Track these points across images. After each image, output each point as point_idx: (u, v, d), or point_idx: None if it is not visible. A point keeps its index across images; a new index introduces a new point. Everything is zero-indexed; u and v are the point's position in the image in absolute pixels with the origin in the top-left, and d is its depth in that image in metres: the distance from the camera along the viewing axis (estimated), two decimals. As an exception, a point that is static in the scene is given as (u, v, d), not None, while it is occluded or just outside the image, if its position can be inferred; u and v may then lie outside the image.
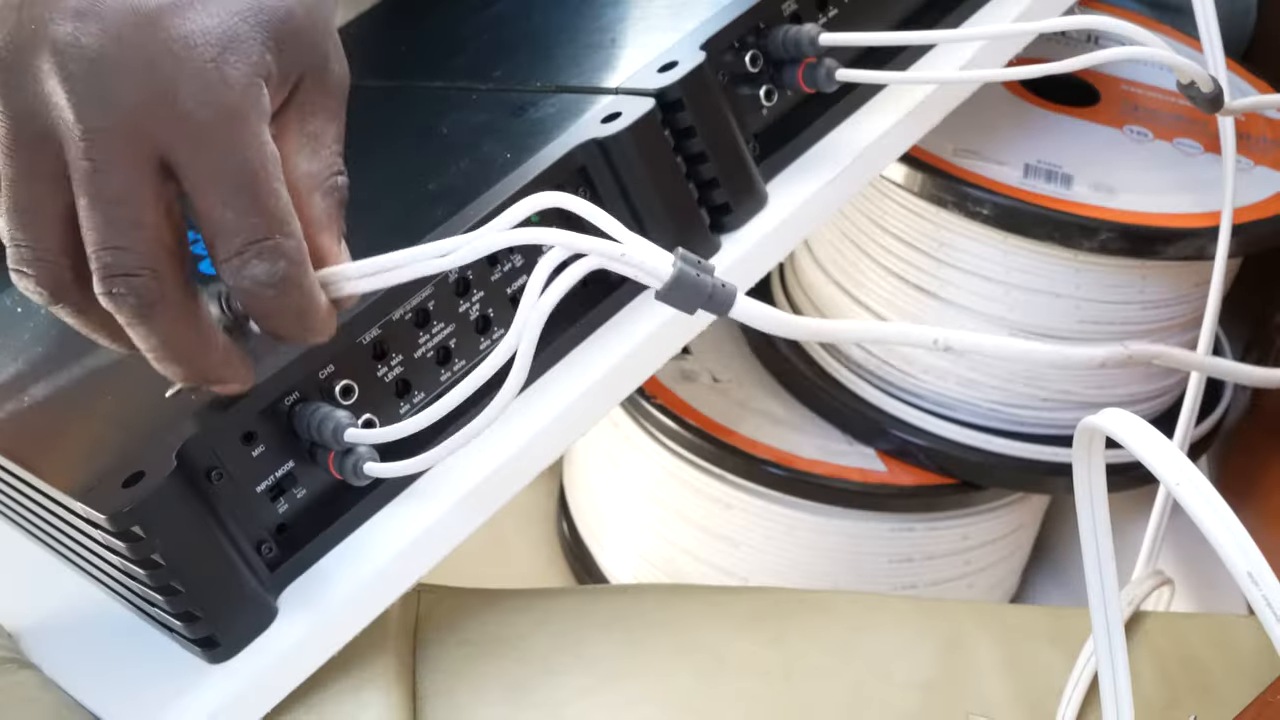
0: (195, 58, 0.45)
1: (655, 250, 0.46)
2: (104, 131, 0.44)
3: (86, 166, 0.45)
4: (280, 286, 0.47)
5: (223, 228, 0.46)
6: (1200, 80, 0.67)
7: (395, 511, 0.56)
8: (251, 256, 0.46)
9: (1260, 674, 0.61)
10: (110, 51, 0.44)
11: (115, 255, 0.45)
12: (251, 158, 0.45)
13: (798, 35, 0.63)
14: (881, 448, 0.95)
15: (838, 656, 0.62)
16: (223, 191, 0.45)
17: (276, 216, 0.46)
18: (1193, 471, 0.37)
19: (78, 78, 0.44)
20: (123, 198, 0.45)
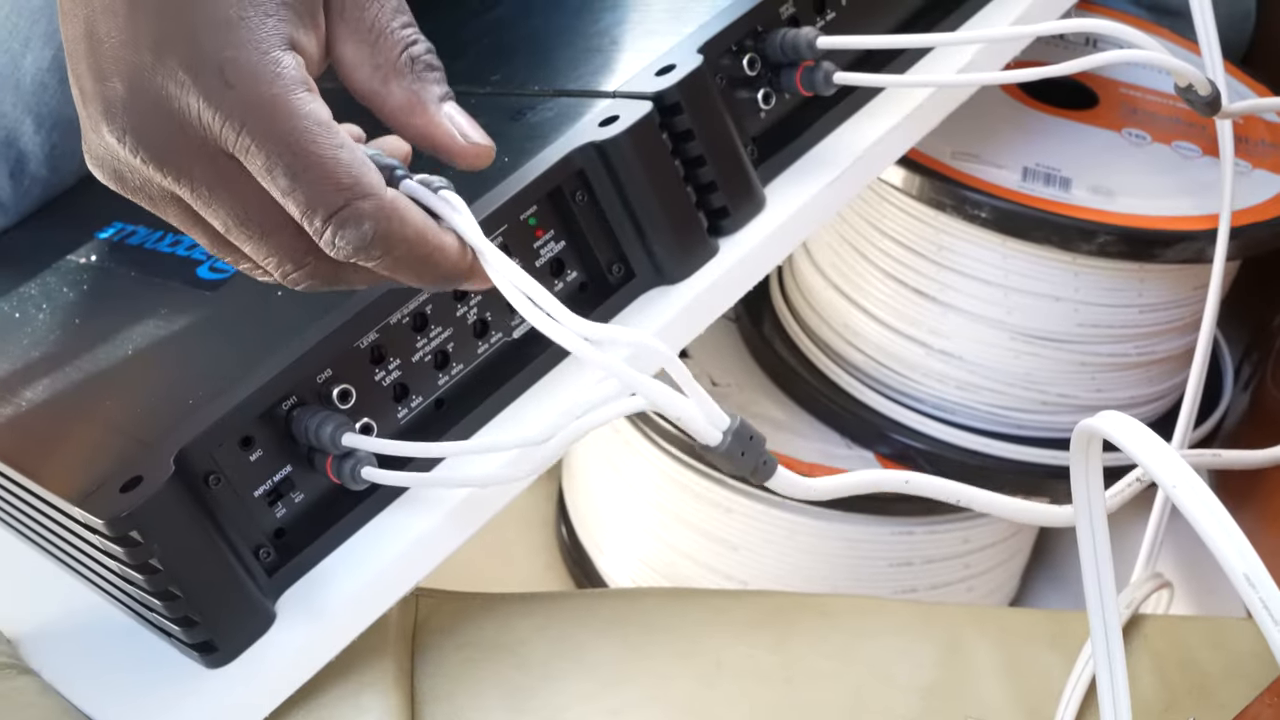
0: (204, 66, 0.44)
1: (715, 413, 0.46)
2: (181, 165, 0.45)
3: (195, 200, 0.46)
4: (381, 245, 0.46)
5: (301, 212, 0.46)
6: (1198, 83, 0.67)
7: (394, 516, 0.56)
8: (336, 229, 0.46)
9: (1258, 676, 0.61)
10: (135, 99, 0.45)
11: (279, 259, 0.47)
12: (294, 137, 0.45)
13: (795, 38, 0.63)
14: (881, 451, 0.95)
15: (838, 660, 0.62)
16: (283, 180, 0.45)
17: (341, 183, 0.45)
18: (1189, 474, 0.37)
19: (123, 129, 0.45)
20: (237, 218, 0.46)
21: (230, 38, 0.45)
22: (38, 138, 0.72)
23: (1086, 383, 0.89)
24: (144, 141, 0.45)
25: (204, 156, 0.45)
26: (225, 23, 0.45)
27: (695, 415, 0.45)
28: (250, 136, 0.45)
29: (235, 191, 0.46)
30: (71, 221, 0.74)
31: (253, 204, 0.46)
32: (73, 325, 0.63)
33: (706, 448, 0.45)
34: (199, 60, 0.44)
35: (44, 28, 0.70)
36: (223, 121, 0.44)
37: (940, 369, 0.90)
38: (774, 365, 1.01)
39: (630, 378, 0.45)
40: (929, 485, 0.46)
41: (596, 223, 0.60)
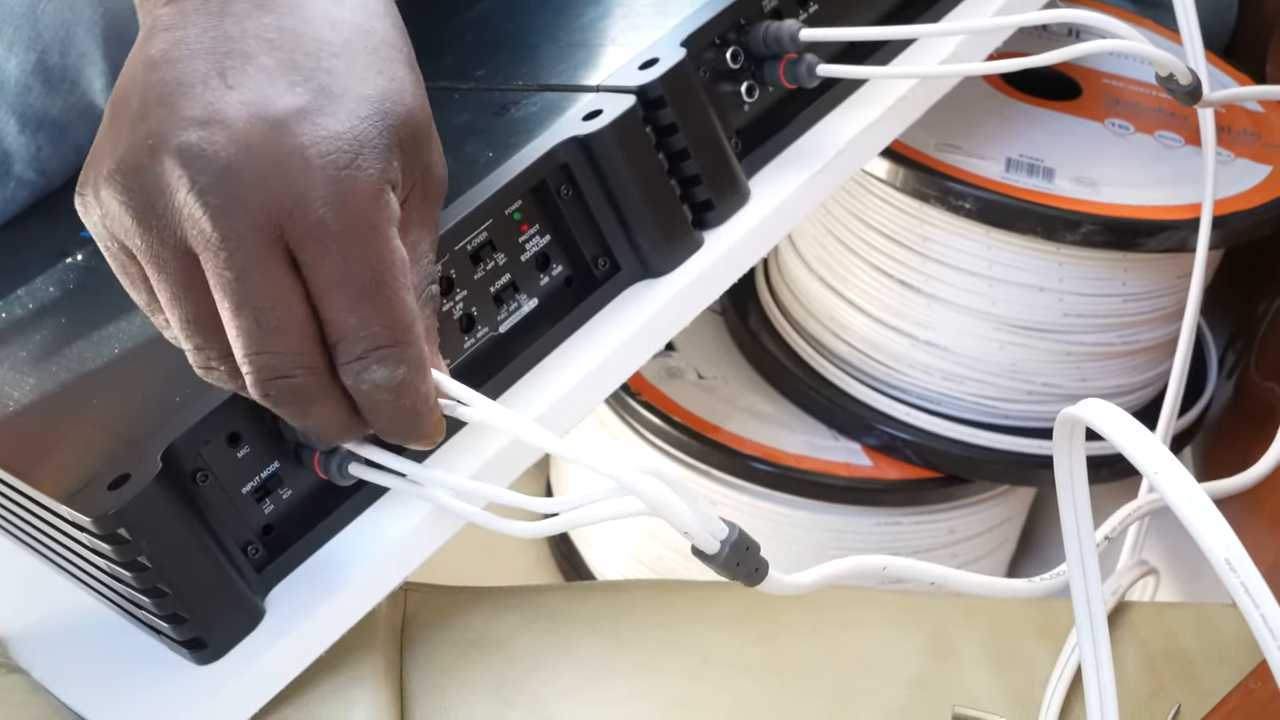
0: (328, 164, 0.45)
1: (713, 527, 0.46)
2: (240, 239, 0.44)
3: (229, 276, 0.45)
4: (399, 390, 0.47)
5: (346, 332, 0.46)
6: (1179, 73, 0.67)
7: (382, 511, 0.56)
8: (373, 362, 0.46)
9: (1243, 661, 0.61)
10: (240, 159, 0.44)
11: (266, 359, 0.46)
12: (380, 265, 0.46)
13: (779, 31, 0.63)
14: (868, 443, 0.95)
15: (825, 652, 0.62)
16: (349, 297, 0.45)
17: (402, 323, 0.46)
18: (1170, 460, 0.37)
19: (210, 188, 0.44)
20: (266, 303, 0.45)
21: (358, 155, 0.45)
22: (22, 139, 0.72)
23: (1071, 372, 0.90)
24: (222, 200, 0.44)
25: (267, 235, 0.45)
26: (358, 136, 0.46)
27: (698, 527, 0.46)
28: (339, 245, 0.45)
29: (270, 274, 0.45)
30: (57, 222, 0.74)
31: (281, 297, 0.45)
32: (59, 325, 0.63)
33: (704, 556, 0.47)
34: (327, 153, 0.45)
35: (27, 32, 0.70)
36: (320, 215, 0.45)
37: (926, 360, 0.91)
38: (760, 358, 1.01)
39: (643, 487, 0.46)
40: (906, 568, 0.47)
41: (581, 217, 0.60)
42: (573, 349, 0.60)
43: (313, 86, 0.46)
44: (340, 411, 0.48)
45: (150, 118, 0.45)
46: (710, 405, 0.97)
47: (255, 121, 0.45)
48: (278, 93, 0.45)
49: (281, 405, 0.47)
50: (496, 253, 0.58)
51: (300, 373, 0.46)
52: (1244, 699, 0.58)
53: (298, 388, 0.46)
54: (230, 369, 0.47)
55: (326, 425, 0.48)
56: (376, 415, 0.48)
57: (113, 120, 0.47)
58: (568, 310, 0.60)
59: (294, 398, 0.47)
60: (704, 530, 0.46)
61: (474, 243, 0.57)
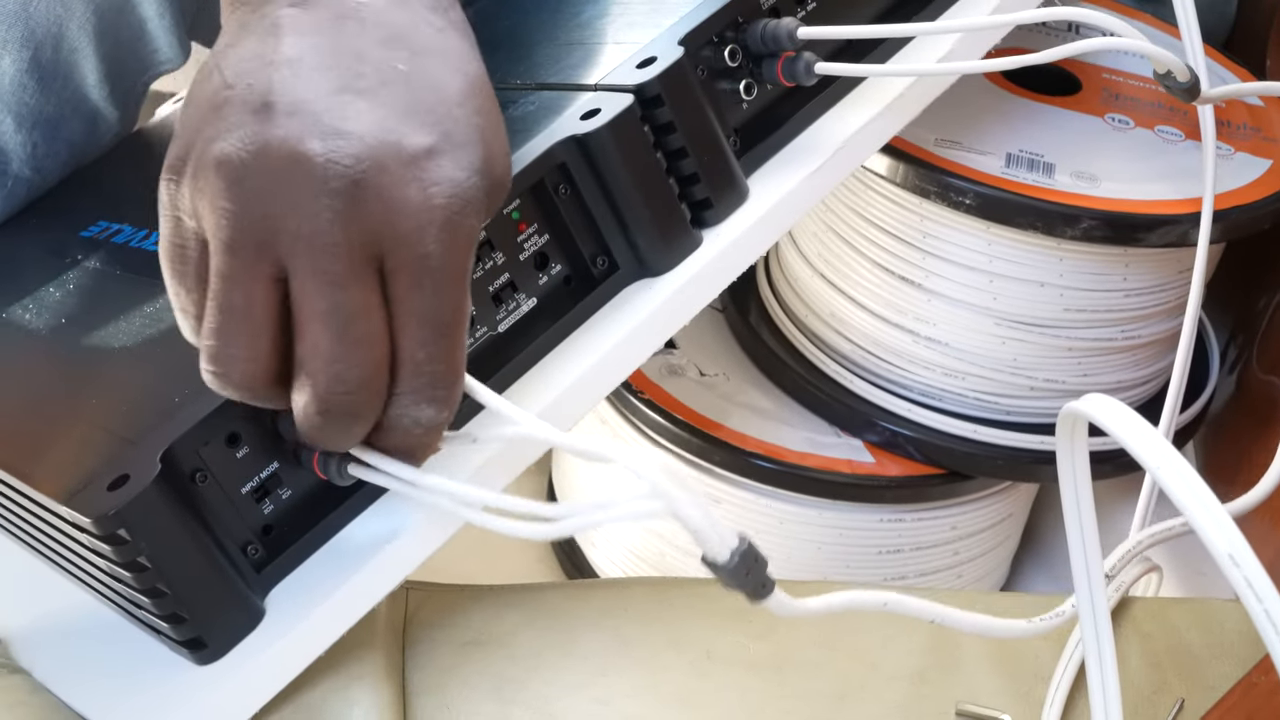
0: (446, 207, 0.46)
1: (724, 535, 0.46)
2: (350, 249, 0.45)
3: (325, 279, 0.45)
4: (431, 433, 0.49)
5: (412, 364, 0.47)
6: (1176, 70, 0.67)
7: (382, 510, 0.56)
8: (425, 400, 0.48)
9: (1246, 656, 0.61)
10: (368, 177, 0.45)
11: (342, 368, 0.46)
12: (461, 310, 0.48)
13: (776, 29, 0.63)
14: (869, 439, 0.95)
15: (827, 648, 0.62)
16: (427, 333, 0.47)
17: (459, 369, 0.48)
18: (1173, 454, 0.37)
19: (335, 192, 0.45)
20: (357, 315, 0.46)
21: (468, 204, 0.47)
22: (19, 137, 0.73)
23: (1073, 368, 0.90)
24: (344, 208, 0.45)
25: (369, 254, 0.46)
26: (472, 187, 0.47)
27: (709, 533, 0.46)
28: (434, 281, 0.46)
29: (363, 288, 0.46)
30: (55, 221, 0.74)
31: (371, 313, 0.46)
32: (58, 325, 0.63)
33: (714, 564, 0.46)
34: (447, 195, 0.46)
35: (21, 30, 0.70)
36: (426, 251, 0.46)
37: (927, 356, 0.91)
38: (761, 354, 1.01)
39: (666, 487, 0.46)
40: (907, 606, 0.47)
41: (580, 216, 0.60)
42: (572, 348, 0.60)
43: (441, 130, 0.47)
44: (363, 431, 0.49)
45: (279, 115, 0.46)
46: (711, 402, 0.97)
47: (387, 147, 0.46)
48: (410, 127, 0.47)
49: (335, 419, 0.48)
50: (495, 252, 0.58)
51: (361, 392, 0.47)
52: (1247, 693, 0.58)
53: (356, 405, 0.47)
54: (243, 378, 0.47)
55: (350, 441, 0.49)
56: (394, 439, 0.50)
57: (225, 106, 0.47)
58: (567, 309, 0.60)
59: (346, 415, 0.48)
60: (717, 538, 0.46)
61: (473, 242, 0.57)
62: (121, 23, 0.75)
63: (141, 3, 0.75)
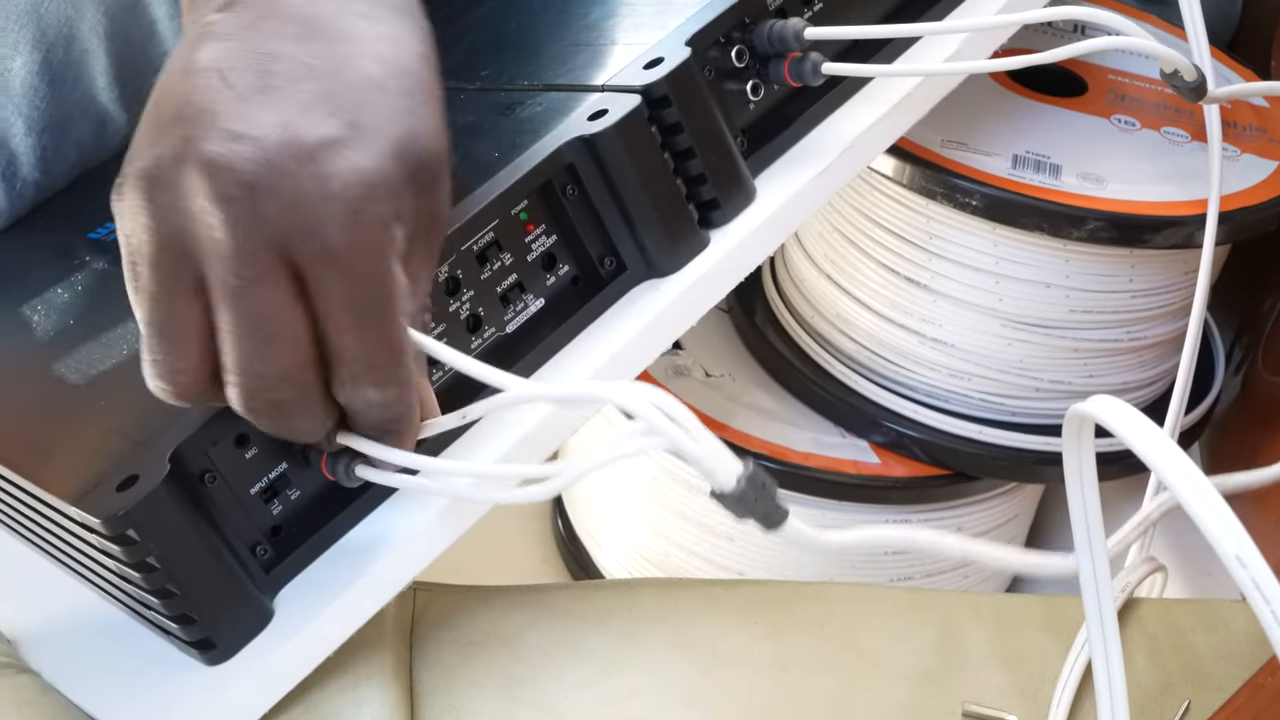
0: (347, 195, 0.46)
1: (727, 460, 0.46)
2: (252, 252, 0.45)
3: (236, 284, 0.46)
4: (388, 410, 0.49)
5: (345, 353, 0.47)
6: (1183, 69, 0.67)
7: (390, 510, 0.56)
8: (367, 384, 0.48)
9: (1252, 658, 0.61)
10: (265, 178, 0.45)
11: (261, 368, 0.47)
12: (383, 294, 0.47)
13: (783, 30, 0.63)
14: (875, 440, 0.95)
15: (833, 648, 0.62)
16: (352, 321, 0.47)
17: (397, 348, 0.48)
18: (1179, 455, 0.37)
19: (232, 199, 0.45)
20: (269, 315, 0.46)
21: (375, 189, 0.46)
22: (29, 140, 0.73)
23: (1078, 369, 0.90)
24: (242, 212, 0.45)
25: (276, 254, 0.46)
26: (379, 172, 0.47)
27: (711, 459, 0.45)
28: (347, 271, 0.46)
29: (276, 289, 0.46)
30: (63, 223, 0.74)
31: (282, 311, 0.46)
32: (67, 326, 0.63)
33: (721, 494, 0.46)
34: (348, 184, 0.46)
35: (32, 32, 0.70)
36: (333, 244, 0.46)
37: (933, 357, 0.91)
38: (767, 355, 1.01)
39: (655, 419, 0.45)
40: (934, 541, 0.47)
41: (587, 216, 0.60)
42: (579, 348, 0.60)
43: (346, 119, 0.47)
44: (316, 424, 0.50)
45: (185, 123, 0.46)
46: (717, 403, 0.97)
47: (285, 145, 0.46)
48: (313, 121, 0.46)
49: (261, 416, 0.48)
50: (503, 253, 0.58)
51: (285, 387, 0.47)
52: (1254, 694, 0.58)
53: (280, 402, 0.48)
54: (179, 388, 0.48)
55: (301, 435, 0.50)
56: (361, 424, 0.51)
57: (149, 121, 0.48)
58: (574, 310, 0.60)
59: (275, 411, 0.48)
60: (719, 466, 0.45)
61: (480, 243, 0.57)
62: (132, 24, 0.75)
63: (152, 4, 0.75)
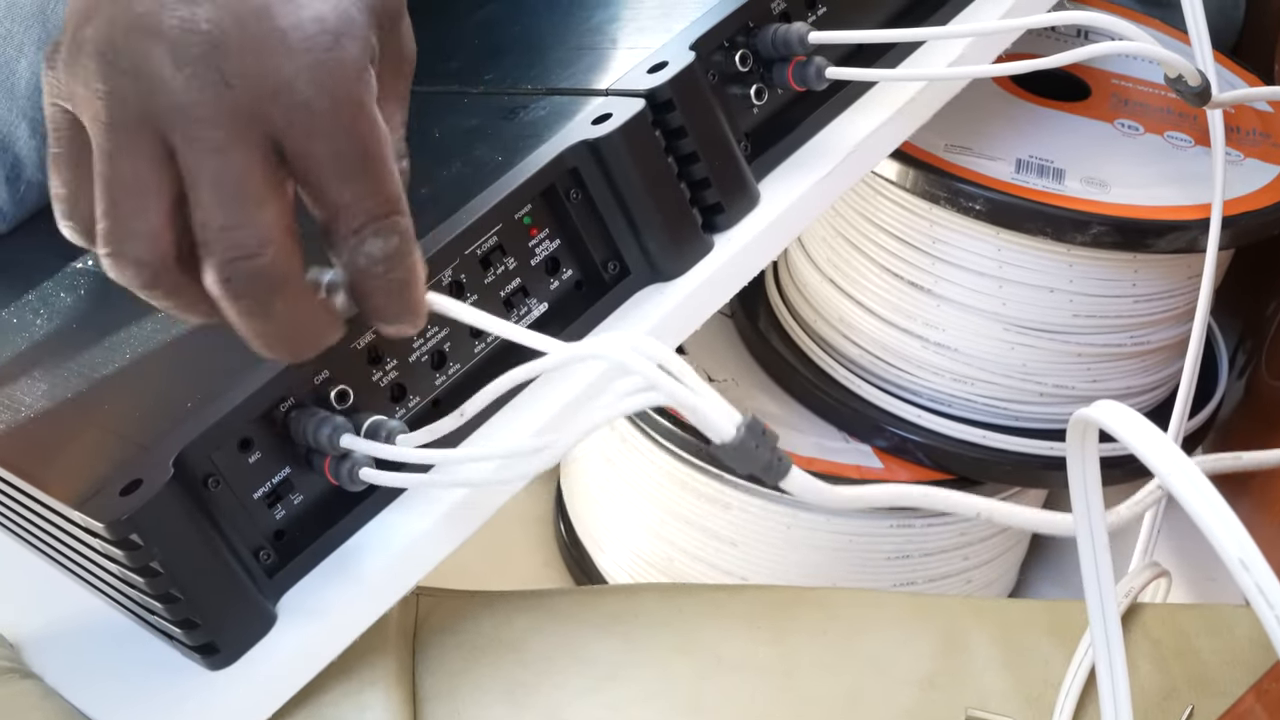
0: (312, 46, 0.45)
1: (725, 410, 0.45)
2: (222, 113, 0.44)
3: (204, 145, 0.44)
4: (394, 261, 0.47)
5: (342, 207, 0.46)
6: (1187, 74, 0.67)
7: (393, 516, 0.56)
8: (369, 234, 0.46)
9: (1257, 663, 0.61)
10: (229, 36, 0.44)
11: (239, 234, 0.45)
12: (370, 140, 0.46)
13: (787, 34, 0.63)
14: (878, 445, 0.95)
15: (837, 654, 0.62)
16: (343, 173, 0.45)
17: (393, 194, 0.47)
18: (1183, 460, 0.37)
19: (196, 59, 0.44)
20: (244, 177, 0.45)
21: (340, 36, 0.45)
22: (33, 142, 0.73)
23: (1082, 373, 0.90)
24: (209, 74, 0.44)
25: (247, 116, 0.44)
26: (340, 17, 0.45)
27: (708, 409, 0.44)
28: (327, 124, 0.45)
29: (250, 151, 0.45)
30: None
31: (260, 174, 0.45)
32: (70, 329, 0.63)
33: (721, 445, 0.45)
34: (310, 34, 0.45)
35: (37, 33, 0.70)
36: (305, 96, 0.44)
37: (936, 361, 0.91)
38: (770, 360, 1.01)
39: (649, 372, 0.45)
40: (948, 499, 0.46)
41: (591, 221, 0.60)
42: (583, 353, 0.60)
43: None
44: (302, 311, 0.47)
45: None
46: (720, 408, 0.97)
47: (239, 3, 0.44)
48: None
49: (244, 295, 0.46)
50: (506, 257, 0.58)
51: (270, 250, 0.45)
52: (1258, 699, 0.58)
53: (265, 269, 0.45)
54: (142, 251, 0.46)
55: (282, 325, 0.47)
56: (368, 292, 0.48)
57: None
58: (578, 314, 0.60)
59: (260, 284, 0.45)
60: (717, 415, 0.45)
61: (484, 247, 0.57)
62: None
63: None
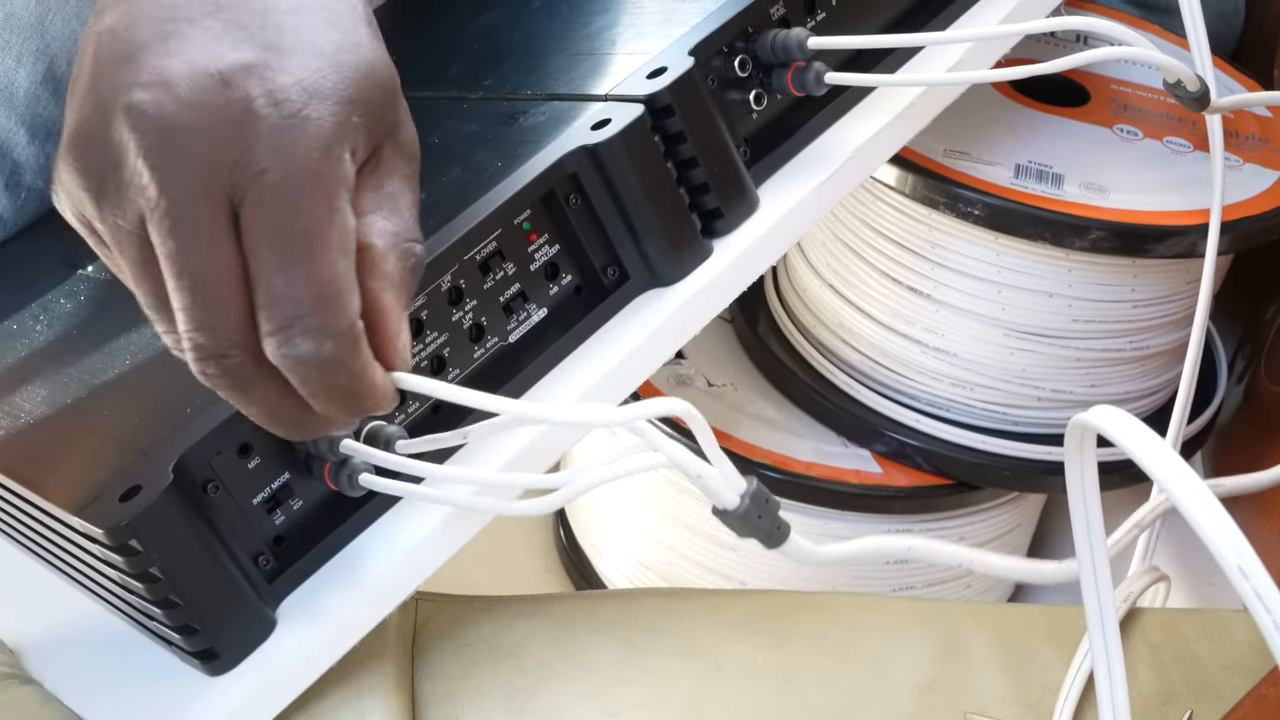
0: (273, 114, 0.43)
1: (732, 478, 0.45)
2: (184, 202, 0.43)
3: (170, 245, 0.43)
4: (325, 368, 0.44)
5: (270, 295, 0.43)
6: (1186, 79, 0.67)
7: (392, 521, 0.56)
8: (296, 333, 0.43)
9: (1255, 668, 0.61)
10: (184, 117, 0.43)
11: (205, 336, 0.43)
12: (314, 225, 0.43)
13: (786, 39, 0.63)
14: (877, 449, 0.95)
15: (836, 658, 0.62)
16: (277, 256, 0.43)
17: (329, 292, 0.43)
18: (1181, 466, 0.37)
19: (154, 149, 0.43)
20: (203, 273, 0.43)
21: (306, 105, 0.44)
22: (32, 149, 0.73)
23: (1081, 378, 0.90)
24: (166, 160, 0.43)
25: (211, 198, 0.43)
26: (307, 87, 0.44)
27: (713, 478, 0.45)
28: (275, 197, 0.43)
29: (212, 242, 0.43)
30: (67, 231, 0.74)
31: (218, 261, 0.43)
32: (70, 335, 0.63)
33: (724, 512, 0.45)
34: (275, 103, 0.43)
35: (36, 43, 0.70)
36: (261, 167, 0.43)
37: (935, 366, 0.91)
38: (770, 365, 1.01)
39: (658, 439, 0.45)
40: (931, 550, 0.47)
41: (590, 226, 0.60)
42: (582, 358, 0.60)
43: (259, 43, 0.44)
44: (283, 395, 0.45)
45: (97, 88, 0.44)
46: (719, 413, 0.97)
47: (198, 78, 0.43)
48: (222, 50, 0.44)
49: (220, 389, 0.45)
50: (505, 262, 0.58)
51: (237, 352, 0.44)
52: (1256, 704, 0.58)
53: (234, 369, 0.44)
54: (178, 344, 0.45)
55: (274, 412, 0.46)
56: (309, 392, 0.45)
57: (69, 98, 0.46)
58: (577, 319, 0.60)
59: (231, 380, 0.44)
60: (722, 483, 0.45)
61: (483, 252, 0.57)
62: None
63: None
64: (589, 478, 0.47)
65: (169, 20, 0.45)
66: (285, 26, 0.45)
